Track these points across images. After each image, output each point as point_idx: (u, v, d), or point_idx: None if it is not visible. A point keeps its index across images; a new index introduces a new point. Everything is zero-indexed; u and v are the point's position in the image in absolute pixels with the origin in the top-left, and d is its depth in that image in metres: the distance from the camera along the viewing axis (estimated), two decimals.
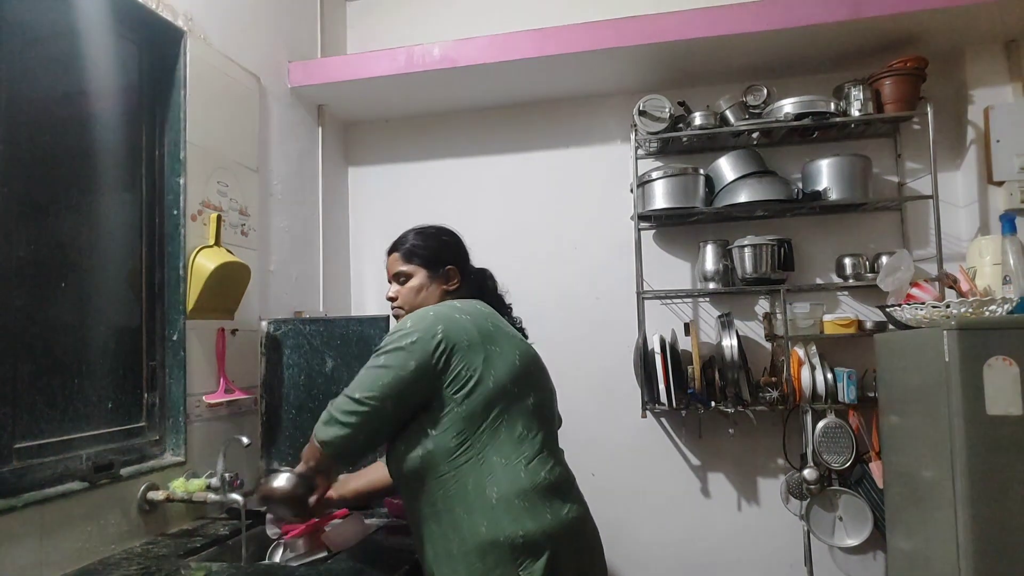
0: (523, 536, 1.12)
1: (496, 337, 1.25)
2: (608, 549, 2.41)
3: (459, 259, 1.43)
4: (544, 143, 2.58)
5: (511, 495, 1.14)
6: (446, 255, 1.41)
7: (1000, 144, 2.10)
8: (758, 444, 2.30)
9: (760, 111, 2.18)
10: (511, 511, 1.13)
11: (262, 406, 2.03)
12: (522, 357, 1.27)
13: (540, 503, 1.15)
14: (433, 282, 1.39)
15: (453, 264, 1.41)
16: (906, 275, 1.87)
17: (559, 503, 1.18)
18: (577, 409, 2.46)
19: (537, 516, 1.14)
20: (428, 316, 1.23)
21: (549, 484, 1.18)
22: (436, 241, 1.43)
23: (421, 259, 1.40)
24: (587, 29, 2.13)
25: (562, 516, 1.17)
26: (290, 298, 2.30)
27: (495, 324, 1.29)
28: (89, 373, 1.51)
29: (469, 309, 1.28)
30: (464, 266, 1.44)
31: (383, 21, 2.76)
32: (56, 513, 1.33)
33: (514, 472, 1.16)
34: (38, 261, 1.39)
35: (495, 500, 1.14)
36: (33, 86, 1.41)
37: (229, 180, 1.94)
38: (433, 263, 1.40)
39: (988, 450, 1.45)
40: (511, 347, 1.26)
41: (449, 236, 1.46)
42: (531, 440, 1.21)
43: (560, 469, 1.24)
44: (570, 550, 1.16)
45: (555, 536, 1.14)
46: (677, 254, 2.43)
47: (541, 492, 1.16)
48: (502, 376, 1.21)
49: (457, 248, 1.45)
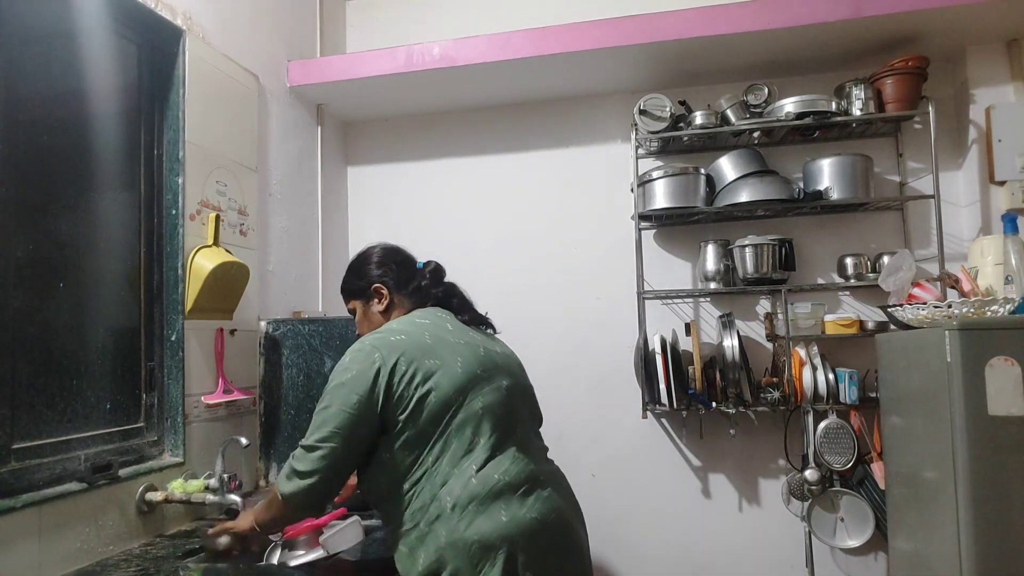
0: (478, 540, 1.11)
1: (435, 349, 1.25)
2: (608, 549, 2.43)
3: (386, 272, 1.42)
4: (544, 143, 2.58)
5: (465, 501, 1.14)
6: (369, 278, 1.42)
7: (1002, 143, 2.09)
8: (759, 445, 2.30)
9: (761, 110, 2.18)
10: (466, 517, 1.13)
11: (261, 406, 2.03)
12: (465, 363, 1.26)
13: (494, 505, 1.14)
14: (368, 308, 1.43)
15: (379, 282, 1.41)
16: (908, 275, 1.86)
17: (517, 504, 1.16)
18: (577, 409, 2.46)
19: (492, 518, 1.13)
20: (364, 346, 1.24)
21: (505, 485, 1.17)
22: (355, 271, 1.46)
23: (351, 293, 1.46)
24: (587, 28, 2.13)
25: (519, 516, 1.15)
26: (289, 298, 2.29)
27: (434, 335, 1.29)
28: (87, 373, 1.51)
29: (405, 328, 1.29)
30: (399, 273, 1.43)
31: (382, 20, 2.75)
32: (54, 514, 1.33)
33: (465, 478, 1.16)
34: (36, 261, 1.39)
35: (450, 509, 1.14)
36: (31, 85, 1.41)
37: (228, 180, 1.93)
38: (361, 292, 1.43)
39: (990, 451, 1.44)
40: (452, 356, 1.26)
41: (372, 255, 1.46)
42: (483, 444, 1.20)
43: (519, 467, 1.21)
44: (531, 550, 1.14)
45: (511, 537, 1.13)
46: (678, 254, 2.43)
47: (495, 494, 1.15)
48: (445, 388, 1.21)
49: (382, 263, 1.44)
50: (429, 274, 1.44)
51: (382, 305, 1.41)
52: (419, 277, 1.43)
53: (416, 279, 1.43)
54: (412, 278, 1.43)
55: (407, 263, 1.46)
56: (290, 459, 1.24)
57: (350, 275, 1.46)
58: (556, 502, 1.23)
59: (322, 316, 2.26)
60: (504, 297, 2.53)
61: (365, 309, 1.43)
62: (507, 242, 2.57)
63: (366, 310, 1.43)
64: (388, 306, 1.40)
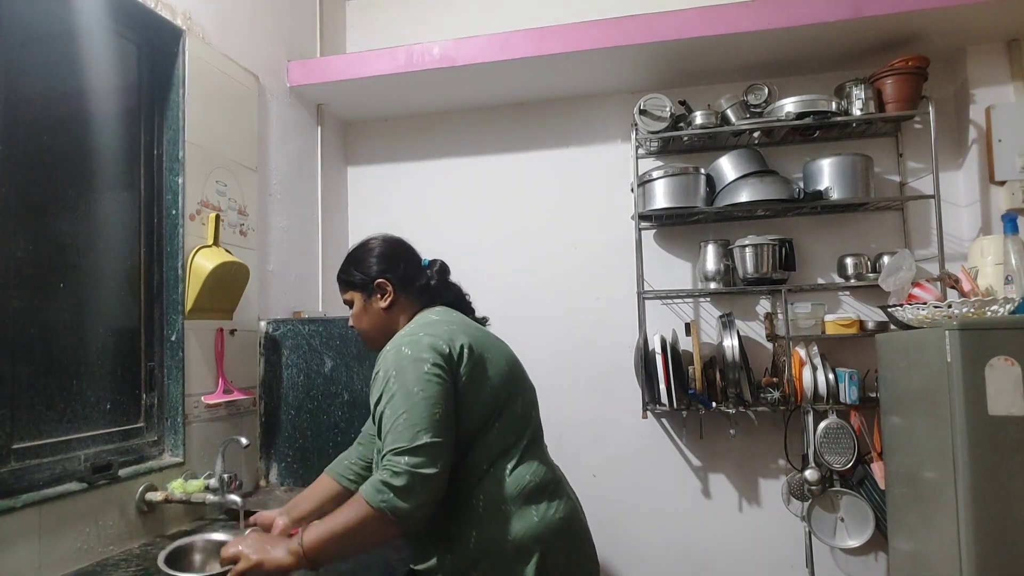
0: (512, 541, 1.11)
1: (485, 344, 1.23)
2: (609, 549, 2.43)
3: (391, 267, 1.34)
4: (544, 142, 2.58)
5: (497, 502, 1.13)
6: (373, 271, 1.33)
7: (1002, 143, 2.09)
8: (759, 445, 2.30)
9: (761, 110, 2.18)
10: (498, 517, 1.12)
11: (261, 407, 2.03)
12: (508, 360, 1.26)
13: (526, 506, 1.14)
14: (369, 303, 1.34)
15: (383, 276, 1.33)
16: (908, 275, 1.86)
17: (545, 504, 1.17)
18: (577, 409, 2.46)
19: (524, 519, 1.13)
20: (418, 338, 1.17)
21: (535, 486, 1.17)
22: (359, 261, 1.36)
23: (351, 285, 1.36)
24: (587, 28, 2.13)
25: (549, 517, 1.16)
26: (289, 298, 2.29)
27: (479, 329, 1.28)
28: (87, 374, 1.51)
29: (449, 318, 1.26)
30: (406, 271, 1.35)
31: (382, 20, 2.75)
32: (54, 514, 1.33)
33: (499, 478, 1.15)
34: (36, 261, 1.39)
35: (481, 509, 1.13)
36: (31, 85, 1.41)
37: (228, 180, 1.93)
38: (363, 285, 1.34)
39: (990, 451, 1.44)
40: (499, 352, 1.25)
41: (376, 247, 1.37)
42: (518, 445, 1.20)
43: (544, 469, 1.21)
44: (560, 549, 1.15)
45: (543, 538, 1.13)
46: (678, 254, 2.42)
47: (527, 495, 1.15)
48: (496, 384, 1.20)
49: (388, 257, 1.35)
50: (436, 273, 1.38)
51: (385, 302, 1.32)
52: (425, 276, 1.37)
53: (422, 277, 1.36)
54: (418, 276, 1.36)
55: (413, 259, 1.39)
56: (388, 466, 1.05)
57: (351, 266, 1.37)
58: (574, 501, 1.26)
59: (322, 316, 2.26)
60: (504, 297, 2.53)
61: (365, 304, 1.34)
62: (507, 242, 2.56)
63: (366, 305, 1.34)
64: (392, 303, 1.33)
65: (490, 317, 1.54)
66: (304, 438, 1.99)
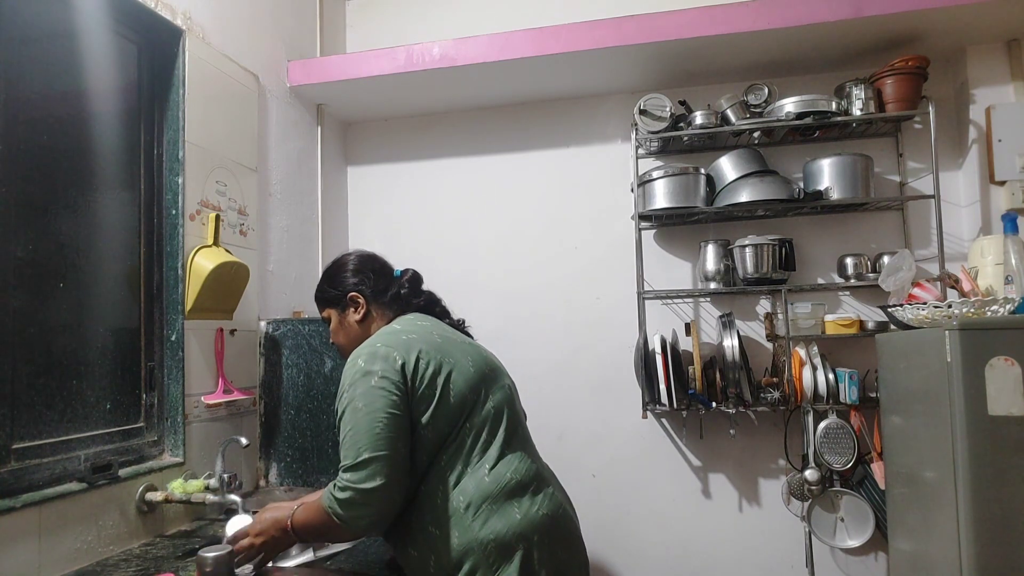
0: (494, 539, 1.11)
1: (446, 348, 1.25)
2: (608, 549, 2.43)
3: (362, 280, 1.38)
4: (544, 142, 2.58)
5: (478, 500, 1.14)
6: (344, 286, 1.38)
7: (1002, 144, 2.09)
8: (759, 445, 2.30)
9: (761, 110, 2.18)
10: (480, 516, 1.13)
11: (261, 407, 2.03)
12: (476, 362, 1.27)
13: (508, 503, 1.15)
14: (344, 317, 1.39)
15: (355, 289, 1.37)
16: (908, 275, 1.86)
17: (528, 500, 1.17)
18: (577, 409, 2.46)
19: (506, 517, 1.13)
20: (376, 348, 1.20)
21: (516, 483, 1.17)
22: (330, 279, 1.42)
23: (326, 302, 1.42)
24: (587, 28, 2.12)
25: (532, 514, 1.16)
26: (289, 298, 2.29)
27: (442, 335, 1.29)
28: (87, 373, 1.51)
29: (410, 327, 1.28)
30: (376, 282, 1.39)
31: (382, 20, 2.75)
32: (54, 514, 1.33)
33: (478, 478, 1.16)
34: (36, 261, 1.39)
35: (463, 509, 1.13)
36: (31, 85, 1.41)
37: (228, 179, 1.93)
38: (337, 300, 1.39)
39: (990, 451, 1.44)
40: (463, 355, 1.26)
41: (346, 262, 1.42)
42: (494, 443, 1.21)
43: (527, 465, 1.22)
44: (545, 546, 1.15)
45: (526, 535, 1.13)
46: (678, 254, 2.42)
47: (508, 493, 1.16)
48: (461, 386, 1.21)
49: (358, 271, 1.40)
50: (407, 283, 1.41)
51: (358, 314, 1.37)
52: (397, 286, 1.40)
53: (394, 287, 1.40)
54: (389, 287, 1.40)
55: (384, 271, 1.43)
56: (339, 483, 1.12)
57: (324, 283, 1.42)
58: (559, 497, 1.26)
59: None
60: (504, 297, 2.53)
61: (341, 318, 1.39)
62: (507, 242, 2.56)
63: (342, 319, 1.39)
64: (365, 315, 1.37)
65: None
66: (304, 438, 1.99)
